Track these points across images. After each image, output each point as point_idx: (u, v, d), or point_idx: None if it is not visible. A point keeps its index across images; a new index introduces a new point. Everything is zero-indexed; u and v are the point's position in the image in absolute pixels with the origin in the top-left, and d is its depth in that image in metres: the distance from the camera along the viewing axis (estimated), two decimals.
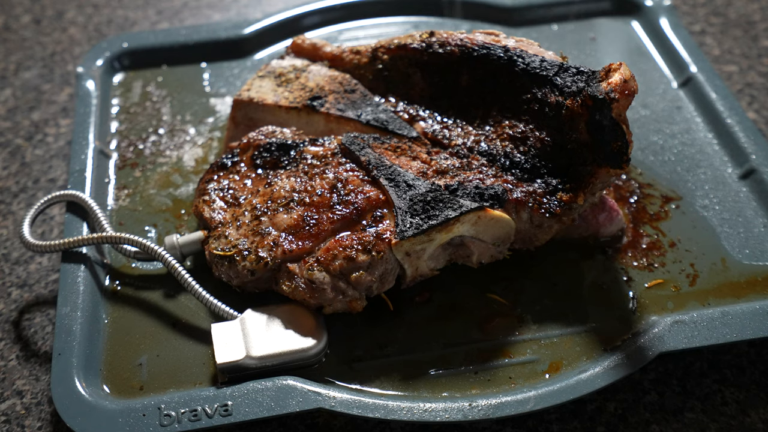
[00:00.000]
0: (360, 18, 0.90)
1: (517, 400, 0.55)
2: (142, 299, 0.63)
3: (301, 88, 0.71)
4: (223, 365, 0.56)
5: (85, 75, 0.79)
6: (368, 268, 0.57)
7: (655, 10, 0.88)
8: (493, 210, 0.59)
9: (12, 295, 0.65)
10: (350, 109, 0.68)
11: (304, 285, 0.57)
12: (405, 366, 0.59)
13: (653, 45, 0.87)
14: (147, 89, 0.81)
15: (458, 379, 0.58)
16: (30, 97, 0.83)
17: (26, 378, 0.60)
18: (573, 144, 0.62)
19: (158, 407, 0.54)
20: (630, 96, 0.59)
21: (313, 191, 0.61)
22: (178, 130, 0.77)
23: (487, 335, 0.61)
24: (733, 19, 0.93)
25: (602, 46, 0.88)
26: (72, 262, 0.63)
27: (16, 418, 0.58)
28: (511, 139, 0.65)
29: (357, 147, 0.63)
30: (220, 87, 0.82)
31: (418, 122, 0.68)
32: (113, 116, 0.79)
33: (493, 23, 0.89)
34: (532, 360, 0.59)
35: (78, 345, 0.58)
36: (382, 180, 0.60)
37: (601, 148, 0.60)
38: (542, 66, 0.64)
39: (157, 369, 0.58)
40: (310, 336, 0.57)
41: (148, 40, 0.84)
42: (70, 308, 0.60)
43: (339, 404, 0.54)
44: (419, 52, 0.70)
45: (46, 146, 0.78)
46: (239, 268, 0.59)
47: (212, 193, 0.64)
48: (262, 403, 0.54)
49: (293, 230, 0.59)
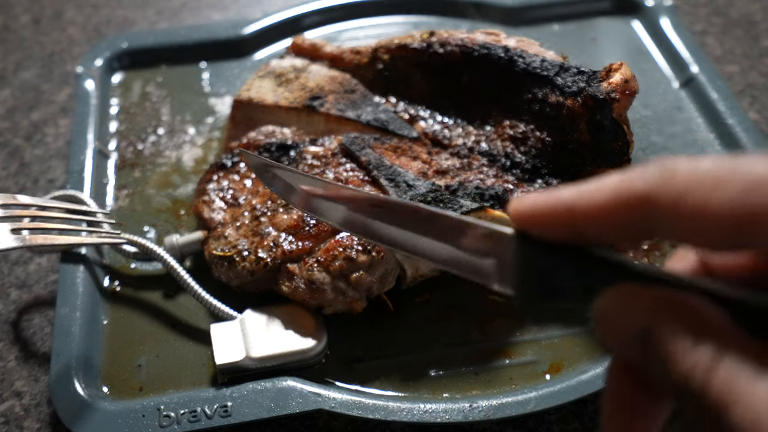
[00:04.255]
0: (360, 17, 0.90)
1: (517, 401, 0.55)
2: (141, 300, 0.63)
3: (301, 88, 0.71)
4: (222, 366, 0.56)
5: (85, 75, 0.79)
6: (368, 269, 0.57)
7: (656, 9, 0.88)
8: (493, 210, 0.59)
9: (11, 295, 0.65)
10: (350, 110, 0.68)
11: (304, 285, 0.57)
12: (405, 366, 0.59)
13: (654, 45, 0.86)
14: (146, 89, 0.81)
15: (459, 379, 0.58)
16: (29, 97, 0.83)
17: (25, 379, 0.60)
18: (574, 144, 0.62)
19: (157, 408, 0.54)
20: (631, 96, 0.59)
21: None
22: (178, 130, 0.77)
23: (487, 336, 0.61)
24: (734, 19, 0.92)
25: (603, 46, 0.87)
26: (71, 262, 0.63)
27: (15, 419, 0.57)
28: (512, 139, 0.64)
29: (357, 147, 0.63)
30: (219, 87, 0.82)
31: (418, 122, 0.68)
32: (112, 116, 0.78)
33: (494, 23, 0.89)
34: (533, 361, 0.59)
35: (77, 346, 0.58)
36: (382, 180, 0.60)
37: (601, 149, 0.59)
38: (543, 66, 0.64)
39: (157, 370, 0.58)
40: (310, 336, 0.57)
41: (148, 39, 0.84)
42: (69, 309, 0.60)
43: (339, 405, 0.54)
44: (420, 52, 0.69)
45: (45, 146, 0.78)
46: (239, 269, 0.58)
47: (212, 194, 0.64)
48: (262, 404, 0.54)
49: (293, 230, 0.59)
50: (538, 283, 0.29)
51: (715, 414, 0.23)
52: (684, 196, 0.24)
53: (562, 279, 0.28)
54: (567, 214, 0.27)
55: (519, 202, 0.28)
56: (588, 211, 0.27)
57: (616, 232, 0.27)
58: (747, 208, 0.23)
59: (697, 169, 0.25)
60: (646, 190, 0.25)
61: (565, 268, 0.28)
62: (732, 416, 0.23)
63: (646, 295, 0.26)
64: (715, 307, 0.25)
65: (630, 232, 0.26)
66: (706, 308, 0.25)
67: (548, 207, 0.28)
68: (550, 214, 0.28)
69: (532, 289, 0.29)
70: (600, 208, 0.26)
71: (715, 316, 0.25)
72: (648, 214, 0.25)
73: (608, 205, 0.26)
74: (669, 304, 0.25)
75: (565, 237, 0.28)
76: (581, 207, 0.27)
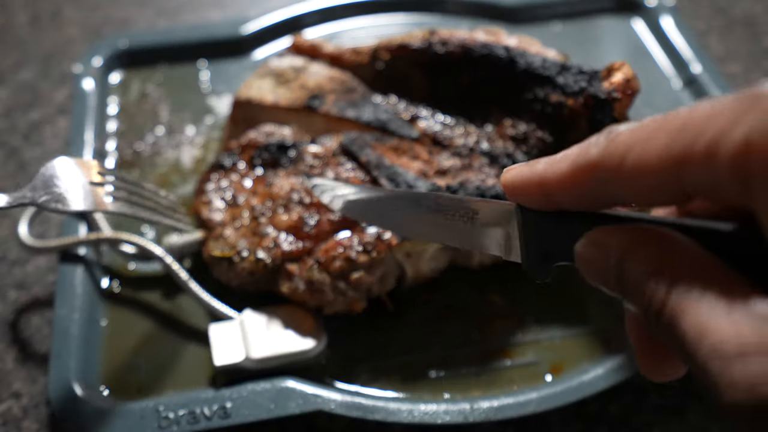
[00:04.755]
0: (361, 15, 0.90)
1: (518, 402, 0.55)
2: (140, 300, 0.63)
3: (300, 87, 0.71)
4: (221, 368, 0.55)
5: (83, 74, 0.78)
6: (368, 269, 0.57)
7: (659, 8, 0.88)
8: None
9: (9, 296, 0.65)
10: (350, 109, 0.68)
11: (303, 286, 0.57)
12: (405, 367, 0.58)
13: (656, 44, 0.86)
14: (145, 88, 0.81)
15: (459, 380, 0.58)
16: (27, 97, 0.83)
17: (23, 380, 0.59)
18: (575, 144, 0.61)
19: (156, 409, 0.54)
20: (632, 95, 0.59)
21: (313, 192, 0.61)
22: (177, 129, 0.77)
23: (487, 337, 0.60)
24: (737, 19, 0.92)
25: (604, 45, 0.87)
26: (70, 262, 0.63)
27: (14, 421, 0.57)
28: (513, 139, 0.64)
29: (357, 147, 0.63)
30: (219, 86, 0.81)
31: (418, 122, 0.68)
32: (111, 116, 0.78)
33: (496, 21, 0.89)
34: (534, 362, 0.59)
35: (76, 347, 0.57)
36: (382, 180, 0.60)
37: None
38: (544, 66, 0.64)
39: (156, 370, 0.58)
40: (310, 337, 0.57)
41: (147, 38, 0.84)
42: (67, 309, 0.60)
43: (339, 406, 0.54)
44: (420, 51, 0.69)
45: (43, 146, 0.78)
46: (238, 269, 0.58)
47: (211, 194, 0.64)
48: (261, 405, 0.54)
49: (293, 231, 0.59)
50: (539, 247, 0.31)
51: (669, 328, 0.24)
52: (624, 156, 0.25)
53: (557, 241, 0.30)
54: (540, 184, 0.29)
55: (506, 174, 0.31)
56: (555, 181, 0.28)
57: (581, 198, 0.28)
58: (674, 152, 0.24)
59: (634, 128, 0.26)
60: (595, 156, 0.27)
61: (558, 230, 0.30)
62: (679, 328, 0.24)
63: (619, 231, 0.27)
64: (684, 236, 0.26)
65: (591, 197, 0.28)
66: (672, 236, 0.26)
67: (526, 178, 0.30)
68: (528, 184, 0.29)
69: (535, 254, 0.31)
70: (563, 177, 0.28)
71: (682, 242, 0.25)
72: (599, 178, 0.27)
73: (569, 174, 0.28)
74: (638, 236, 0.26)
75: (545, 205, 0.30)
76: (549, 177, 0.29)
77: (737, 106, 0.22)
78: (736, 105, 0.22)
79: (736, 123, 0.22)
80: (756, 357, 0.21)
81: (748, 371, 0.21)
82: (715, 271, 0.24)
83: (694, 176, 0.23)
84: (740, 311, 0.22)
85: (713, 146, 0.22)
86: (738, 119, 0.22)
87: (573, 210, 0.29)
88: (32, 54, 0.88)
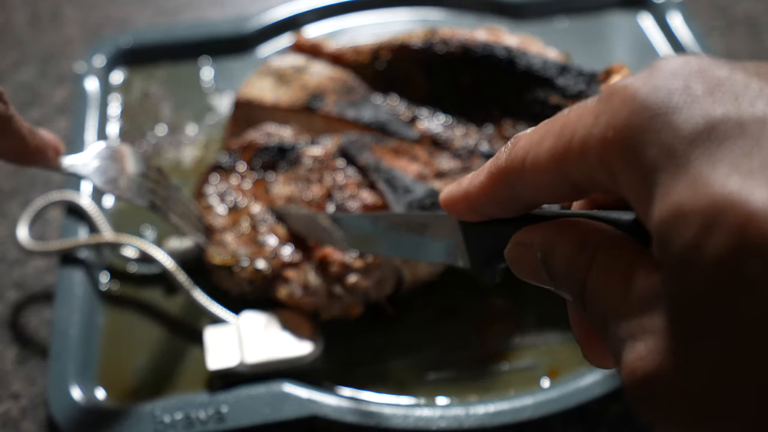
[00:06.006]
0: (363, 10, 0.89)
1: (515, 407, 0.54)
2: (139, 302, 0.63)
3: (301, 88, 0.70)
4: (215, 372, 0.55)
5: (83, 73, 0.78)
6: (364, 274, 0.57)
7: (666, 4, 0.87)
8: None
9: (9, 297, 0.65)
10: (350, 110, 0.67)
11: (299, 291, 0.57)
12: (402, 371, 0.58)
13: (663, 40, 0.85)
14: (146, 87, 0.81)
15: (456, 385, 0.57)
16: (26, 97, 0.83)
17: (22, 381, 0.60)
18: None
19: (153, 412, 0.54)
20: None
21: (311, 196, 0.60)
22: (178, 129, 0.77)
23: (485, 341, 0.60)
24: (738, 18, 0.91)
25: (611, 41, 0.86)
26: (69, 264, 0.63)
27: (12, 422, 0.57)
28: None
29: (356, 149, 0.63)
30: (221, 84, 0.81)
31: (419, 123, 0.67)
32: (112, 115, 0.78)
33: (501, 17, 0.88)
34: (531, 366, 0.58)
35: (74, 348, 0.57)
36: (379, 184, 0.60)
37: None
38: (544, 67, 0.63)
39: (153, 373, 0.58)
40: (306, 342, 0.57)
41: (149, 36, 0.84)
42: (66, 311, 0.60)
43: (335, 411, 0.54)
44: (421, 51, 0.69)
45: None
46: (238, 279, 0.58)
47: (210, 197, 0.63)
48: (257, 409, 0.54)
49: (292, 239, 0.59)
50: (480, 254, 0.33)
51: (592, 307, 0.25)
52: (524, 158, 0.27)
53: (494, 247, 0.32)
54: (466, 198, 0.31)
55: (442, 194, 0.32)
56: (476, 193, 0.30)
57: (501, 205, 0.30)
58: (558, 152, 0.25)
59: (531, 132, 0.27)
60: (503, 162, 0.28)
61: (492, 237, 0.32)
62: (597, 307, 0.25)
63: (540, 228, 0.29)
64: (601, 224, 0.27)
65: (509, 202, 0.29)
66: (588, 222, 0.27)
67: (455, 195, 0.31)
68: (457, 200, 0.31)
69: (478, 260, 0.33)
70: (482, 187, 0.30)
71: (596, 225, 0.27)
72: (509, 183, 0.28)
73: (486, 184, 0.29)
74: (557, 228, 0.28)
75: (476, 217, 0.31)
76: (471, 190, 0.30)
77: (597, 106, 0.24)
78: (597, 104, 0.24)
79: (597, 121, 0.24)
80: (636, 339, 0.22)
81: (631, 354, 0.22)
82: (628, 246, 0.25)
83: (576, 172, 0.25)
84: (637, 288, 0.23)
85: (584, 144, 0.24)
86: (597, 117, 0.24)
87: (500, 217, 0.31)
88: (32, 53, 0.88)
